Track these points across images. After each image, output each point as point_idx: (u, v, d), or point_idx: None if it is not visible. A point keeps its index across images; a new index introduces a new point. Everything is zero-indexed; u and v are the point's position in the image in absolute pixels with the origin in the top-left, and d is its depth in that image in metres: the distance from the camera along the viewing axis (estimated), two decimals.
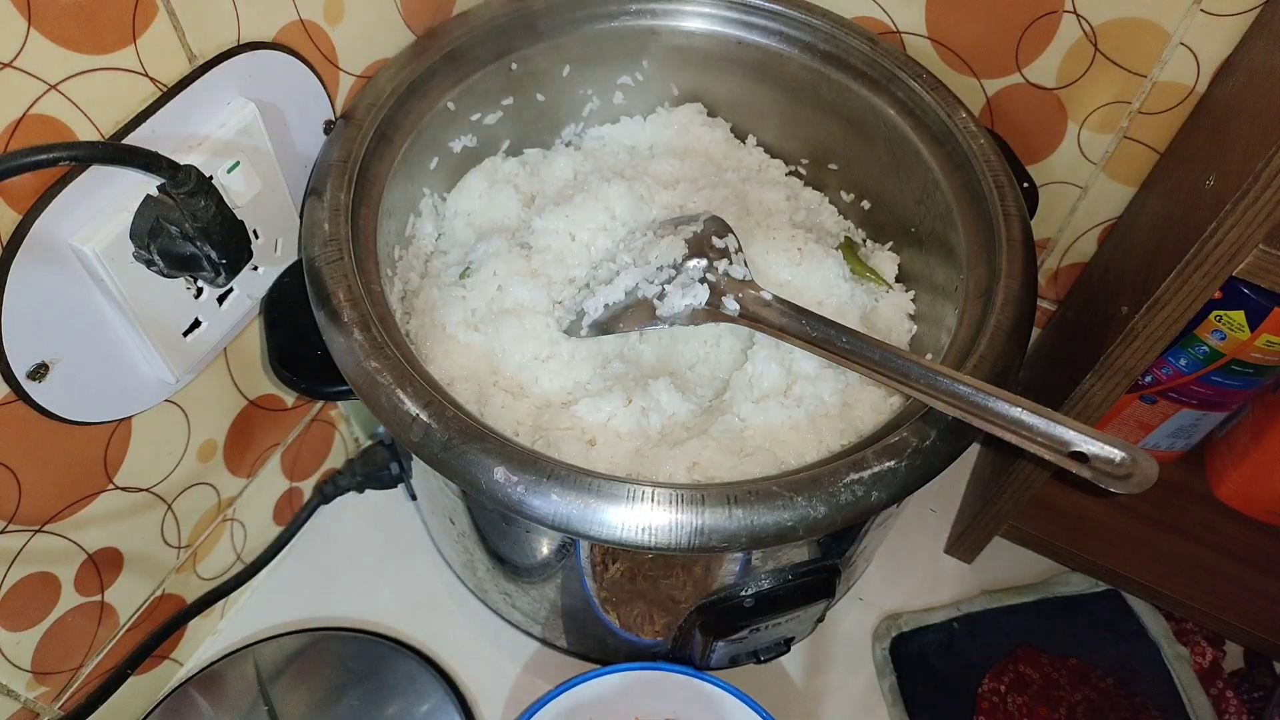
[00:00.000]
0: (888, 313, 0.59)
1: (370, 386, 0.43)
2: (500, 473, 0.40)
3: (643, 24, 0.61)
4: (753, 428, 0.50)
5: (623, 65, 0.63)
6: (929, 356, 0.54)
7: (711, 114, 0.66)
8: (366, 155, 0.50)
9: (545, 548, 0.48)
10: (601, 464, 0.48)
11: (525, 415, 0.51)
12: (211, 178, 0.42)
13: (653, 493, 0.40)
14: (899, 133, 0.57)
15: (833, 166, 0.64)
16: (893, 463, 0.42)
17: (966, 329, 0.48)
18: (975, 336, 0.47)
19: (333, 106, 0.51)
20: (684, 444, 0.48)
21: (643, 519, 0.40)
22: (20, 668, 0.46)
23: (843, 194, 0.64)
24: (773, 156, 0.66)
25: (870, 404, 0.51)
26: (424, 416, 0.41)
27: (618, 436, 0.49)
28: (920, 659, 0.61)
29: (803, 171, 0.66)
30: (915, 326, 0.58)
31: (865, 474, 0.41)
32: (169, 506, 0.51)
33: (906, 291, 0.60)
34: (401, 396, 0.42)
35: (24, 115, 0.35)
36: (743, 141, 0.66)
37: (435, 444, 0.41)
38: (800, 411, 0.50)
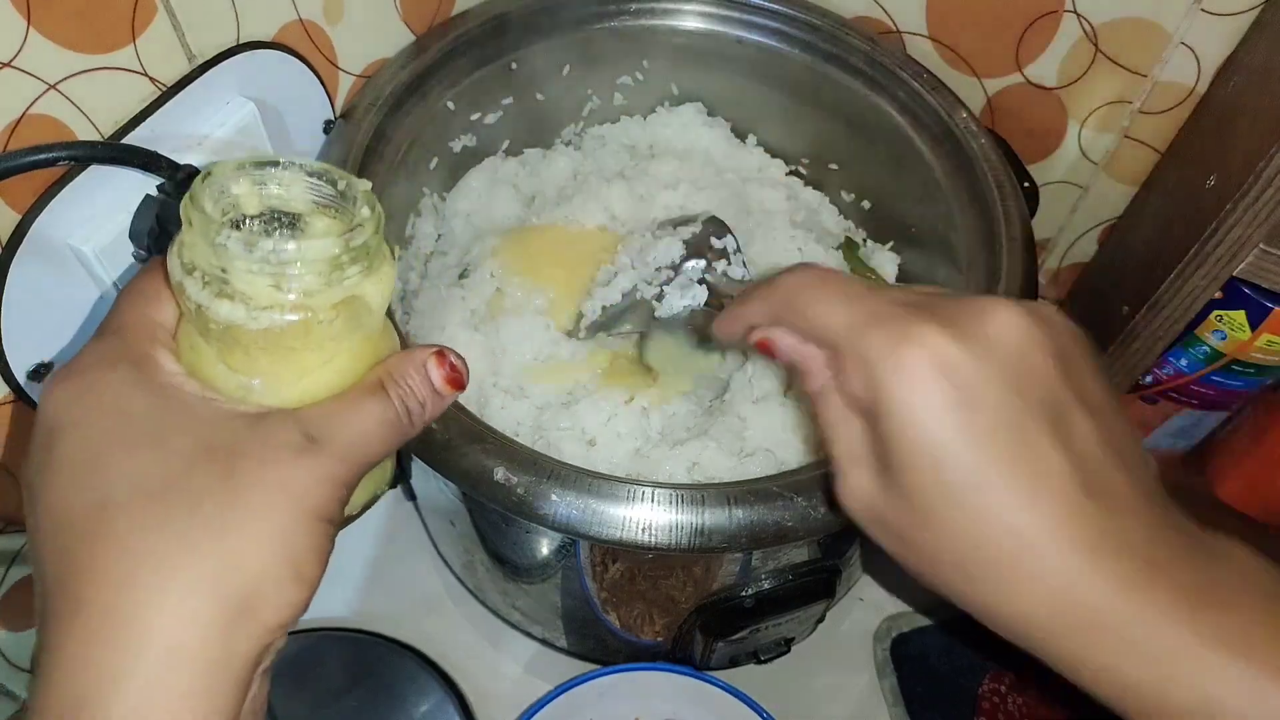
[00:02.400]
0: None
1: None
2: (500, 473, 0.40)
3: (642, 23, 0.61)
4: (753, 428, 0.49)
5: (623, 65, 0.63)
6: None
7: (711, 114, 0.66)
8: (366, 155, 0.50)
9: (545, 548, 0.48)
10: (601, 464, 0.48)
11: (525, 415, 0.51)
12: None
13: (653, 493, 0.40)
14: (900, 133, 0.57)
15: (833, 166, 0.64)
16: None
17: None
18: None
19: (332, 106, 0.51)
20: (684, 444, 0.48)
21: (643, 519, 0.40)
22: (20, 668, 0.46)
23: (843, 194, 0.64)
24: (773, 156, 0.66)
25: None
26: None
27: (618, 436, 0.49)
28: (921, 659, 0.61)
29: (803, 171, 0.66)
30: None
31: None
32: None
33: None
34: None
35: (23, 115, 0.35)
36: (743, 141, 0.66)
37: (435, 444, 0.41)
38: (801, 411, 0.50)
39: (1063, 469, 0.28)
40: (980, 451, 0.29)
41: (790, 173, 0.66)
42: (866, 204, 0.63)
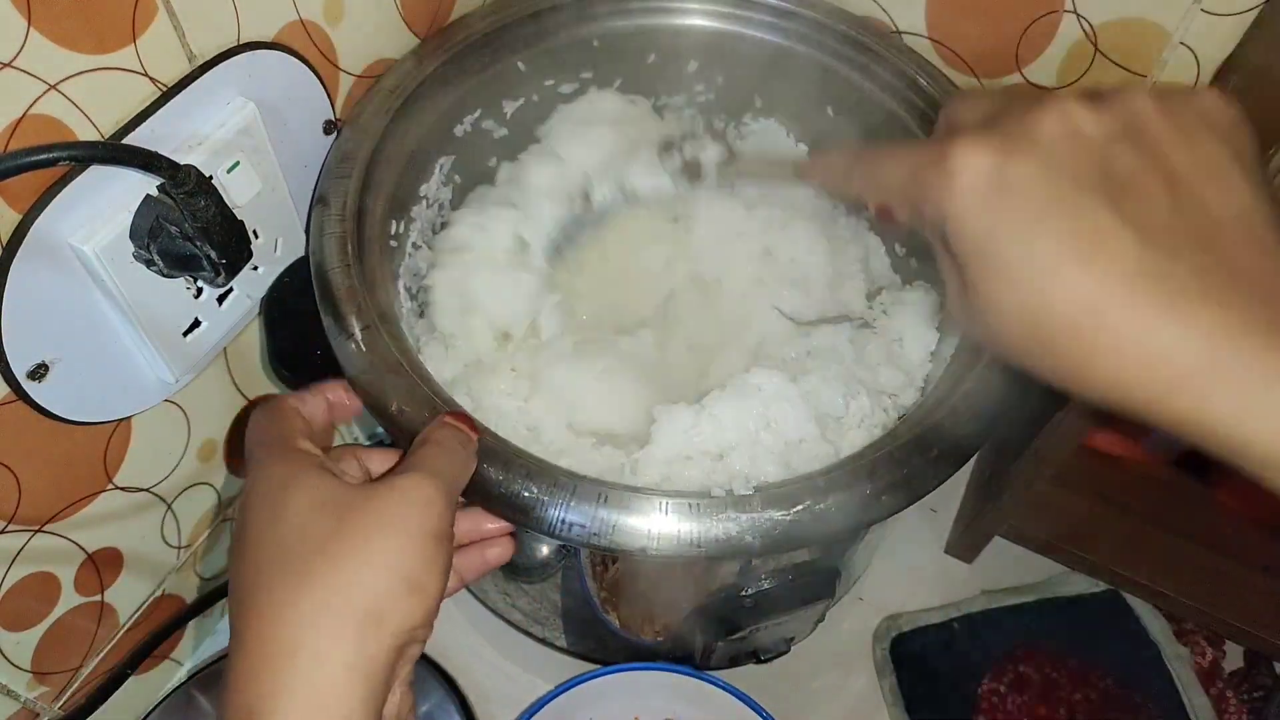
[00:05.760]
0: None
1: (373, 390, 0.43)
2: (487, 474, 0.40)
3: (652, 23, 0.61)
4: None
5: (634, 65, 0.63)
6: (928, 383, 0.53)
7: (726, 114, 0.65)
8: (371, 159, 0.50)
9: (545, 548, 0.48)
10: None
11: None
12: (211, 178, 0.42)
13: (627, 498, 0.40)
14: (905, 130, 0.57)
15: None
16: (869, 487, 0.41)
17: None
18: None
19: (333, 107, 0.51)
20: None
21: (611, 521, 0.39)
22: (20, 668, 0.46)
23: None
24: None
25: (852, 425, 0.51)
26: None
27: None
28: (920, 659, 0.61)
29: None
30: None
31: (842, 495, 0.41)
32: (169, 506, 0.51)
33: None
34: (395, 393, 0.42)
35: (24, 115, 0.35)
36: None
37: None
38: (777, 440, 0.49)
39: (1120, 231, 0.28)
40: (1024, 228, 0.29)
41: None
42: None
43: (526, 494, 0.40)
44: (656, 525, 0.39)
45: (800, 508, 0.40)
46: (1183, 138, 0.30)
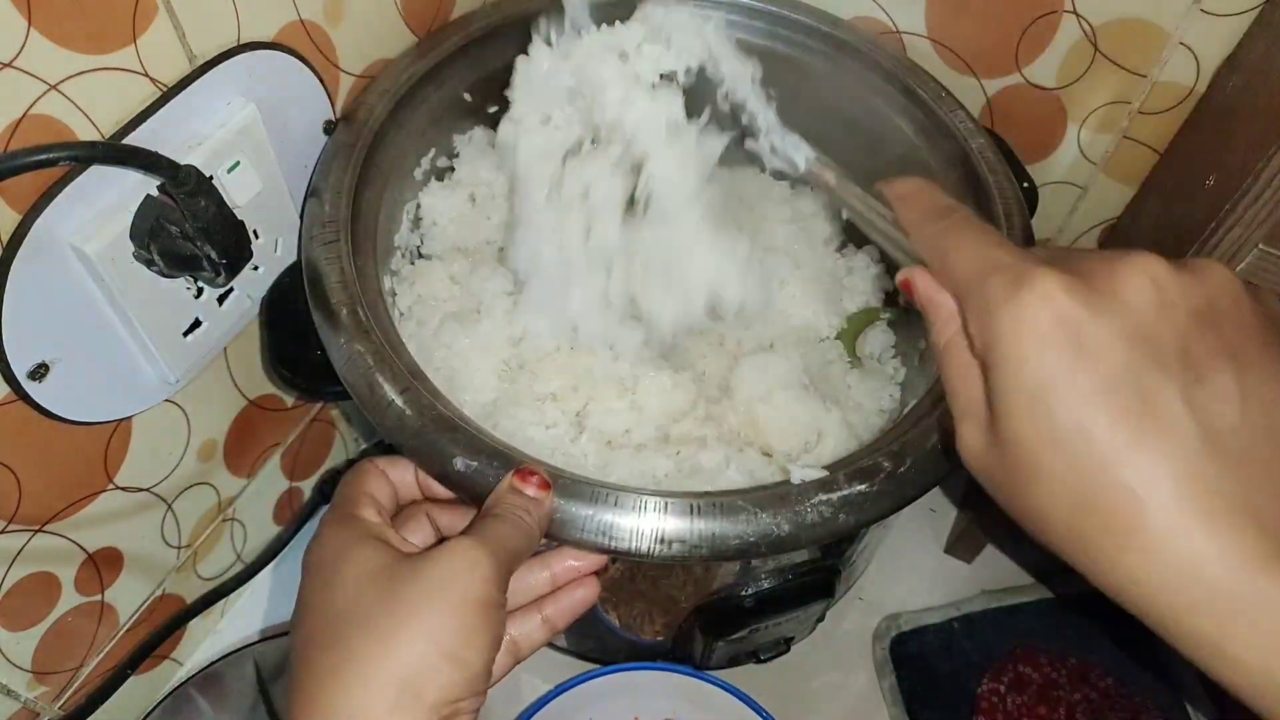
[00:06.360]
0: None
1: (354, 374, 0.42)
2: (460, 463, 0.40)
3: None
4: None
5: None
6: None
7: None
8: (367, 159, 0.50)
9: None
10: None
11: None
12: (211, 178, 0.42)
13: (616, 497, 0.40)
14: (898, 133, 0.57)
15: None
16: (864, 487, 0.41)
17: None
18: None
19: (333, 106, 0.51)
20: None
21: (605, 521, 0.39)
22: (20, 667, 0.46)
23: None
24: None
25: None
26: (399, 402, 0.41)
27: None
28: (920, 659, 0.61)
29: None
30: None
31: (834, 495, 0.41)
32: (169, 506, 0.51)
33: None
34: (380, 380, 0.42)
35: (24, 115, 0.35)
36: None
37: (406, 430, 0.41)
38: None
39: (1185, 425, 0.26)
40: (1087, 397, 0.26)
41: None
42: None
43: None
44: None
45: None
46: (1262, 327, 0.29)
